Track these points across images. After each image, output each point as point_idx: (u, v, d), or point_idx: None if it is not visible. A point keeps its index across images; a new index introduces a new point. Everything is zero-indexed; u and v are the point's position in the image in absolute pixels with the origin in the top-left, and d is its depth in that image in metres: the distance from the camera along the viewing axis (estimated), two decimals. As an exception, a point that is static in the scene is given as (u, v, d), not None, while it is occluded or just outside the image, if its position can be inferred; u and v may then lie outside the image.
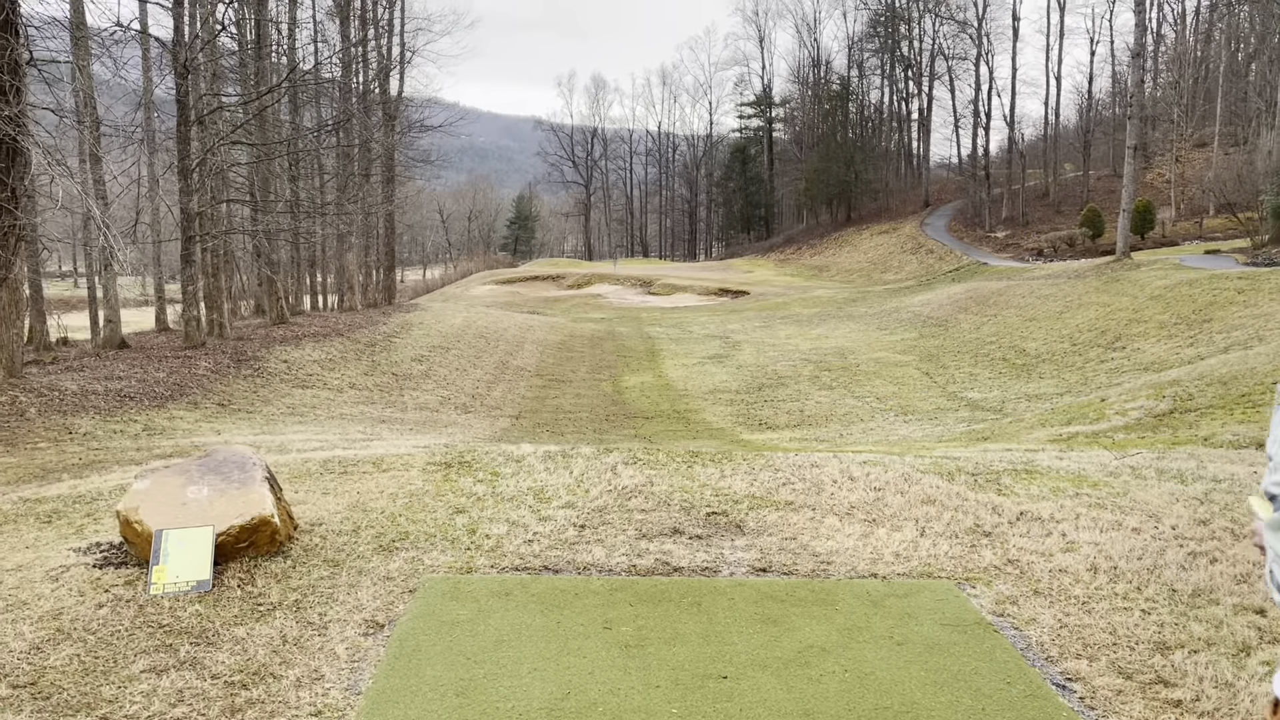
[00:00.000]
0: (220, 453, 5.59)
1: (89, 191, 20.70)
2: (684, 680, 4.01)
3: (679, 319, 44.02)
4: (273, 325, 28.62)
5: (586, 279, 66.18)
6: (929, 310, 35.83)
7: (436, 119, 47.86)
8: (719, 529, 5.89)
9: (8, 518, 6.27)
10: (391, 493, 6.63)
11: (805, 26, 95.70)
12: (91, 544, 5.36)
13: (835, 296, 47.82)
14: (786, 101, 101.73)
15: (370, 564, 5.19)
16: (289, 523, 5.48)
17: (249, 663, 3.99)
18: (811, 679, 4.03)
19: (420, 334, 31.20)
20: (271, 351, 23.79)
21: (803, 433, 19.56)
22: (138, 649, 4.08)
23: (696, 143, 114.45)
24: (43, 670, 3.87)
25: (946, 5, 72.13)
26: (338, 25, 38.53)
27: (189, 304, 23.42)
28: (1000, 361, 25.54)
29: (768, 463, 7.57)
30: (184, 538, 4.85)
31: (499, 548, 5.49)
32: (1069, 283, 31.25)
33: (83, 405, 16.63)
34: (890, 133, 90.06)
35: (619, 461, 7.49)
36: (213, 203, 24.80)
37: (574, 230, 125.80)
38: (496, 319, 38.75)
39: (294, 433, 15.50)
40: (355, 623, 4.45)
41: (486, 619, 4.59)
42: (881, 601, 4.87)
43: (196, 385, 19.40)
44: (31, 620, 4.34)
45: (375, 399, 22.20)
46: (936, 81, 77.39)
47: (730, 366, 28.69)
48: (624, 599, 4.87)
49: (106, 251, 20.88)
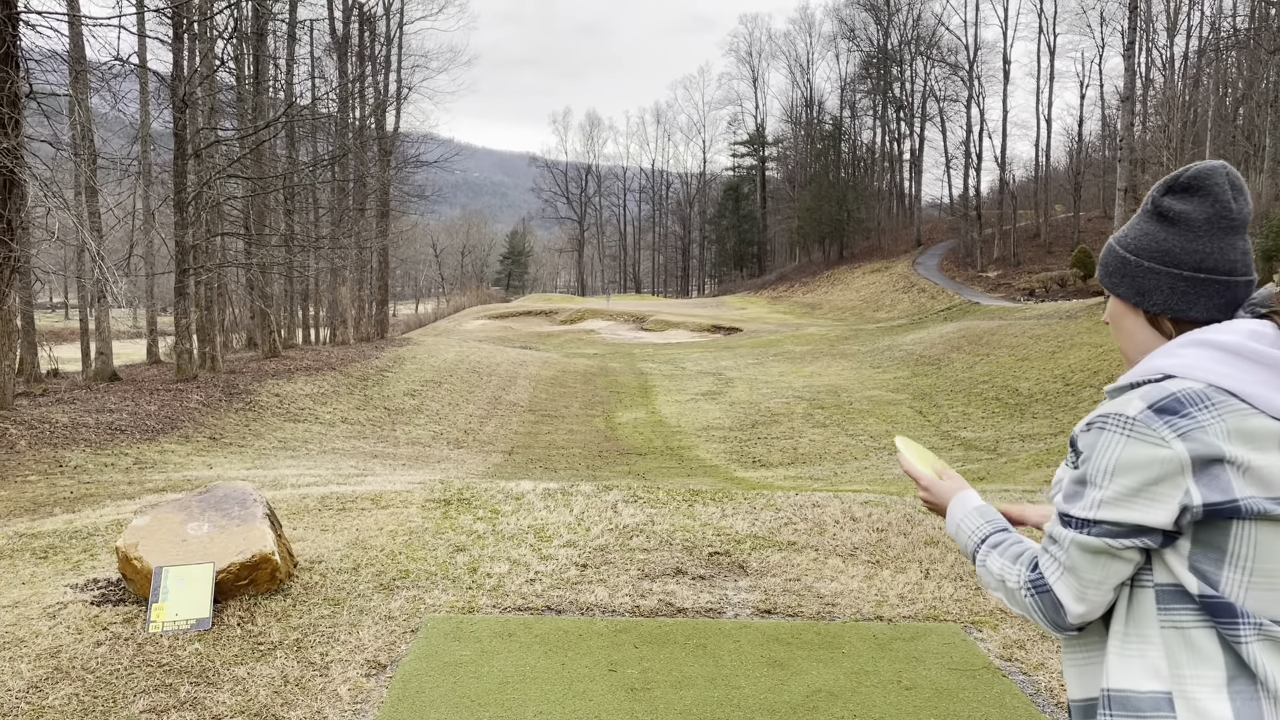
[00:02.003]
0: (220, 489, 5.54)
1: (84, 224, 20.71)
2: (692, 724, 3.96)
3: (672, 355, 44.05)
4: (265, 358, 28.53)
5: (579, 314, 66.28)
6: (921, 349, 35.93)
7: (432, 154, 48.23)
8: (722, 569, 5.85)
9: (3, 553, 6.19)
10: (391, 530, 6.58)
11: (798, 67, 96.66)
12: (89, 580, 5.29)
13: (828, 334, 47.95)
14: (779, 140, 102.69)
15: (371, 603, 5.13)
16: (289, 560, 5.42)
17: (250, 703, 3.93)
18: (821, 724, 3.98)
19: (413, 368, 31.14)
20: (263, 385, 23.70)
21: (797, 471, 19.51)
22: (137, 688, 4.02)
23: (690, 180, 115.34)
24: (41, 710, 3.80)
25: (938, 48, 73.17)
26: (335, 61, 38.84)
27: (182, 337, 23.34)
28: (993, 401, 25.58)
29: (769, 502, 7.54)
30: (184, 575, 4.79)
31: (500, 587, 5.44)
32: (1061, 323, 31.41)
33: (73, 438, 16.52)
34: (882, 172, 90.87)
35: (619, 499, 7.45)
36: (208, 236, 24.82)
37: (567, 266, 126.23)
38: (489, 354, 38.72)
39: (286, 467, 15.40)
40: (357, 663, 4.39)
41: (490, 660, 4.53)
42: (888, 645, 4.83)
43: (188, 418, 19.30)
44: (29, 658, 4.27)
45: (367, 433, 22.10)
46: (928, 122, 78.29)
47: (723, 403, 28.68)
48: (628, 640, 4.82)
49: (100, 284, 20.86)
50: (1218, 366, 1.50)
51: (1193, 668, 1.50)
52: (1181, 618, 1.52)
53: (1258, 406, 1.48)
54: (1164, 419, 1.47)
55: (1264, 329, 1.54)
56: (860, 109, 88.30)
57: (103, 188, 24.65)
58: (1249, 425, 1.47)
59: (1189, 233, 1.60)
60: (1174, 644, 1.52)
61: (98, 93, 22.90)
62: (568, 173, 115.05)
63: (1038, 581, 1.61)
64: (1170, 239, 1.61)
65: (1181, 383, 1.51)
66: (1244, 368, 1.50)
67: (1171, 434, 1.46)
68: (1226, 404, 1.48)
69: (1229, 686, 1.48)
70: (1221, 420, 1.46)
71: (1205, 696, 1.48)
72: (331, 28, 38.37)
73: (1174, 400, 1.48)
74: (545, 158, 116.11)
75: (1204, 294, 1.59)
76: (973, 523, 1.80)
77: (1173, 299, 1.61)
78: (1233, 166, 1.62)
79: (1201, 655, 1.50)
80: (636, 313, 64.89)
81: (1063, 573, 1.57)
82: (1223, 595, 1.49)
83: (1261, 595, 1.49)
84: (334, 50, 38.58)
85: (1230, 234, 1.59)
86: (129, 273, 27.57)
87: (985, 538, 1.76)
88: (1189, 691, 1.49)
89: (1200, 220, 1.59)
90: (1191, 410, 1.47)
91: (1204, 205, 1.59)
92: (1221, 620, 1.49)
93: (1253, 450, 1.46)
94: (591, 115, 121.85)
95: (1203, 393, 1.49)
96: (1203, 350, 1.53)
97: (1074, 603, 1.56)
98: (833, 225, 79.04)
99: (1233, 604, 1.49)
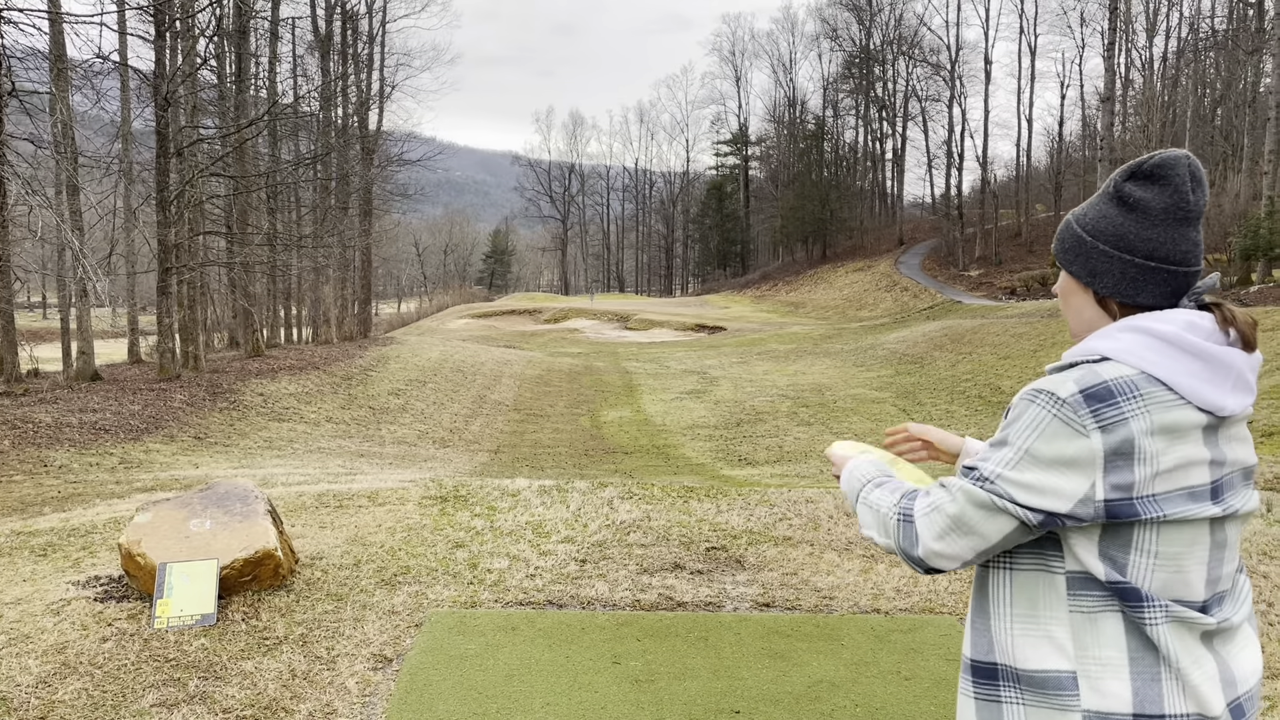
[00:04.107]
0: (222, 485, 5.56)
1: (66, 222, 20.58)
2: (696, 715, 4.02)
3: (656, 354, 44.12)
4: (248, 358, 28.41)
5: (563, 313, 66.26)
6: (904, 347, 36.14)
7: (415, 153, 48.09)
8: (719, 564, 5.91)
9: (1, 551, 6.18)
10: (389, 527, 6.60)
11: (781, 67, 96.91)
12: (90, 577, 5.30)
13: (811, 333, 48.14)
14: (763, 140, 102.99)
15: (374, 598, 5.16)
16: (291, 556, 5.45)
17: (259, 697, 3.96)
18: (823, 714, 4.04)
19: (397, 368, 31.08)
20: (247, 384, 23.61)
21: (783, 469, 19.61)
22: (145, 683, 4.04)
23: (673, 179, 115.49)
24: (51, 704, 3.82)
25: (920, 48, 73.56)
26: (318, 60, 38.69)
27: (164, 336, 23.22)
28: (976, 399, 25.77)
29: (763, 498, 7.61)
30: (188, 571, 4.81)
31: (501, 582, 5.48)
32: (1042, 321, 31.67)
33: (57, 438, 16.42)
34: (865, 172, 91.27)
35: (615, 496, 7.50)
36: (190, 234, 24.69)
37: (550, 265, 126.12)
38: (473, 353, 38.68)
39: (274, 466, 15.36)
40: (363, 657, 4.43)
41: (495, 653, 4.58)
42: (886, 637, 4.90)
43: (172, 418, 19.21)
44: (36, 654, 4.28)
45: (353, 432, 22.05)
46: (910, 122, 78.76)
47: (708, 402, 28.76)
48: (631, 634, 4.87)
49: (82, 282, 20.72)
50: (1151, 355, 1.56)
51: (1097, 649, 1.57)
52: (1088, 603, 1.59)
53: (1185, 397, 1.54)
54: (1091, 406, 1.53)
55: (1201, 320, 1.59)
56: (843, 108, 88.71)
57: (85, 186, 24.47)
58: (1173, 417, 1.53)
59: (1145, 220, 1.64)
60: (1080, 627, 1.59)
61: (79, 90, 22.77)
62: (551, 171, 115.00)
63: (906, 511, 1.69)
64: (1127, 224, 1.66)
65: (1116, 368, 1.56)
66: (1176, 357, 1.55)
67: (1094, 423, 1.52)
68: (1154, 394, 1.53)
69: (1130, 668, 1.55)
70: (1147, 412, 1.52)
71: (1107, 677, 1.56)
72: (314, 26, 38.23)
73: (1105, 388, 1.54)
74: (528, 156, 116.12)
75: (1153, 281, 1.64)
76: (863, 470, 1.87)
77: (1122, 284, 1.66)
78: (1195, 157, 1.66)
79: (1105, 638, 1.57)
80: (620, 312, 64.93)
81: (932, 511, 1.64)
82: (1129, 581, 1.56)
83: (1166, 578, 1.56)
84: (317, 48, 38.43)
85: (1185, 225, 1.63)
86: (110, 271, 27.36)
87: (870, 479, 1.83)
88: (1091, 672, 1.56)
89: (1158, 209, 1.63)
90: (1119, 400, 1.52)
91: (1163, 194, 1.64)
92: (1129, 604, 1.56)
93: (1172, 442, 1.52)
94: (575, 114, 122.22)
95: (1133, 381, 1.54)
96: (1139, 337, 1.58)
97: (931, 540, 1.63)
98: (816, 224, 79.36)
99: (1139, 589, 1.56)
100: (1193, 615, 1.57)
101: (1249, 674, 1.64)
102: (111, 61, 23.55)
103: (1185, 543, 1.56)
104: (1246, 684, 1.63)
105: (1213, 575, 1.60)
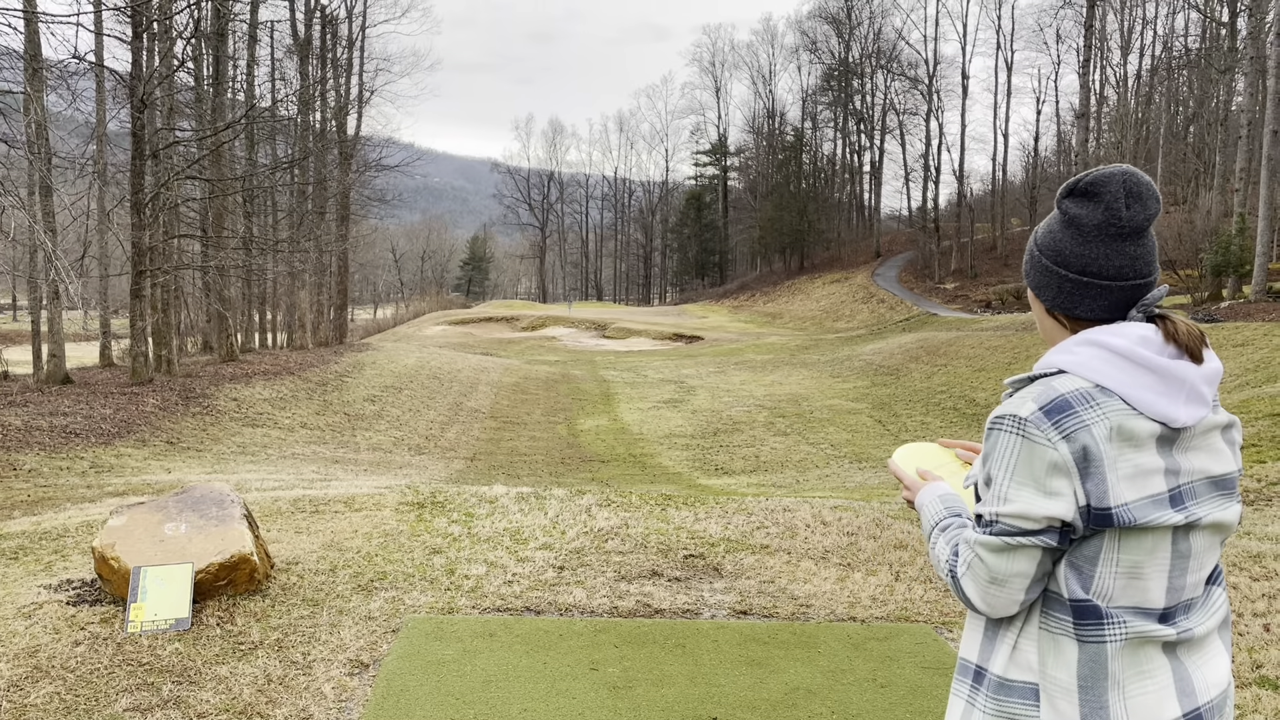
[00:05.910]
0: (198, 489, 5.52)
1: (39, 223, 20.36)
2: (674, 721, 4.02)
3: (634, 363, 44.13)
4: (222, 362, 28.19)
5: (541, 321, 66.16)
6: (881, 359, 36.34)
7: (393, 159, 47.95)
8: (697, 571, 5.93)
9: (-31, 554, 6.10)
10: (366, 532, 6.57)
11: (760, 78, 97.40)
12: (62, 581, 5.24)
13: (788, 344, 48.31)
14: (741, 151, 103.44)
15: (350, 603, 5.13)
16: (266, 561, 5.41)
17: (234, 702, 3.93)
18: (800, 720, 4.06)
19: (373, 374, 30.92)
20: (221, 389, 23.42)
21: (759, 478, 19.66)
22: (119, 687, 4.00)
23: (652, 189, 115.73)
24: (24, 708, 3.77)
25: (898, 62, 74.12)
26: (297, 64, 38.51)
27: (137, 339, 22.99)
28: (951, 411, 25.95)
29: (740, 506, 7.63)
30: (162, 575, 4.77)
31: (479, 588, 5.47)
32: (1017, 335, 31.94)
33: (27, 441, 16.23)
34: (843, 184, 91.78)
35: (593, 503, 7.50)
36: (165, 237, 24.49)
37: (528, 272, 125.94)
38: (450, 360, 38.54)
39: (247, 471, 15.24)
40: (340, 662, 4.41)
41: (472, 659, 4.57)
42: (862, 644, 4.93)
43: (144, 422, 19.03)
44: (8, 657, 4.23)
45: (327, 439, 21.91)
46: (888, 135, 79.27)
47: (685, 411, 28.80)
48: (608, 640, 4.87)
49: (54, 284, 20.50)
50: (1105, 368, 1.61)
51: (1055, 670, 1.62)
52: (1054, 624, 1.65)
53: (1138, 409, 1.59)
54: (1052, 420, 1.58)
55: (1151, 335, 1.64)
56: (821, 120, 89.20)
57: (59, 187, 24.22)
58: (1129, 425, 1.58)
59: (1079, 236, 1.69)
60: (1045, 646, 1.65)
61: (54, 90, 22.52)
62: (530, 179, 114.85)
63: (954, 568, 1.72)
64: (1063, 240, 1.71)
65: (1072, 380, 1.62)
66: (1129, 370, 1.60)
67: (1057, 434, 1.57)
68: (1109, 404, 1.59)
69: (1079, 695, 1.60)
70: (1105, 418, 1.57)
71: (1059, 696, 1.61)
72: (293, 29, 38.07)
73: (1062, 400, 1.59)
74: (508, 163, 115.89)
75: (1087, 296, 1.69)
76: (933, 510, 1.89)
77: (1060, 297, 1.72)
78: (1137, 172, 1.69)
79: (1063, 660, 1.62)
80: (598, 320, 64.92)
81: (968, 568, 1.68)
82: (1091, 598, 1.61)
83: (1126, 584, 1.61)
84: (295, 52, 38.26)
85: (1119, 240, 1.66)
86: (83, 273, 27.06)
87: (938, 522, 1.85)
88: (1050, 690, 1.62)
89: (1091, 225, 1.67)
90: (1077, 409, 1.58)
91: (1096, 210, 1.67)
92: (1088, 623, 1.61)
93: (1125, 449, 1.57)
94: (554, 122, 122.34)
95: (1089, 392, 1.60)
96: (1094, 350, 1.63)
97: (980, 602, 1.67)
98: (793, 235, 79.74)
99: (1099, 606, 1.61)
100: (1151, 628, 1.61)
101: (1212, 685, 1.67)
102: (88, 62, 23.32)
103: (1146, 550, 1.60)
104: (1208, 694, 1.66)
105: (1175, 584, 1.63)
